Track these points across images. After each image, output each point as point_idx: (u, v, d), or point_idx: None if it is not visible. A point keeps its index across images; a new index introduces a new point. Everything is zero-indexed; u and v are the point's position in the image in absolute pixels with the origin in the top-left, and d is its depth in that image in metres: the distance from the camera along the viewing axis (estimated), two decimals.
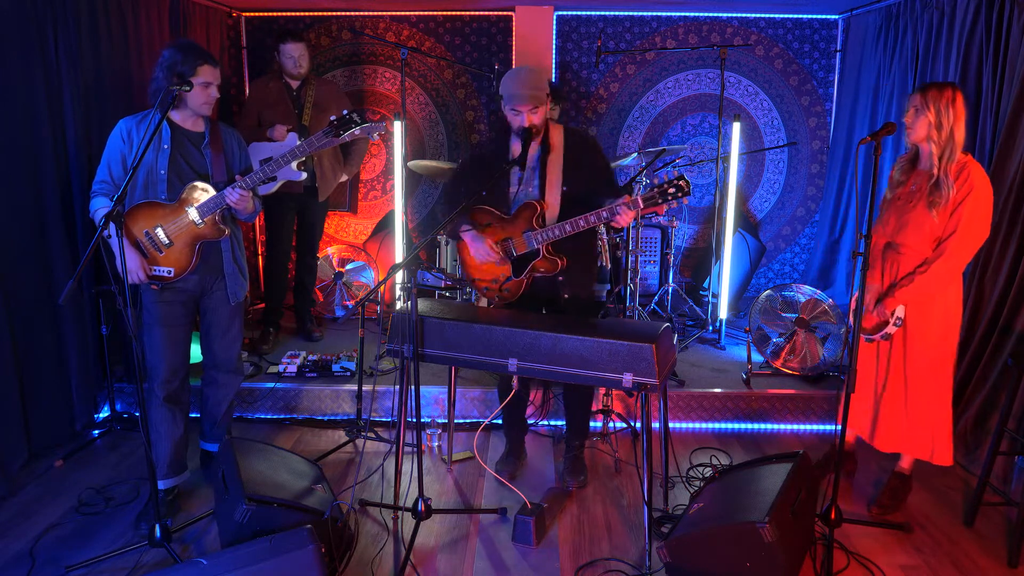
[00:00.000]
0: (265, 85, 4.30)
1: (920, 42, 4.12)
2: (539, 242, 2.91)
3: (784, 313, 4.02)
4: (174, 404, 2.97)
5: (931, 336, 2.81)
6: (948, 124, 2.63)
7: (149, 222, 2.80)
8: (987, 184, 2.66)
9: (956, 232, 2.66)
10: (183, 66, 2.72)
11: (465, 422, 3.82)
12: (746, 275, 5.08)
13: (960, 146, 2.66)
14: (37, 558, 2.65)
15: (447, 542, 2.83)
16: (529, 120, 2.82)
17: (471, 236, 3.00)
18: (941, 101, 2.63)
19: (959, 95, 2.65)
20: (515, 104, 2.81)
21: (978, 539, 2.83)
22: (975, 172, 2.65)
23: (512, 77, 2.85)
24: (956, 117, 2.63)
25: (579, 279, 3.06)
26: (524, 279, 2.99)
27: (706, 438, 3.74)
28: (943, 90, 2.66)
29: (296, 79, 4.26)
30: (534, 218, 2.91)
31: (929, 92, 2.66)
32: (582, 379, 2.65)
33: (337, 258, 5.11)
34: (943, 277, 2.71)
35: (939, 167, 2.67)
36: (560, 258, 2.93)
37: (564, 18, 5.33)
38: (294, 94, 4.26)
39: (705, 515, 2.54)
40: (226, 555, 2.29)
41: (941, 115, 2.63)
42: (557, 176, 2.92)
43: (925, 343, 2.81)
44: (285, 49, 4.20)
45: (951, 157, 2.65)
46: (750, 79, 5.42)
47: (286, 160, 2.94)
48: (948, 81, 2.91)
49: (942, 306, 2.78)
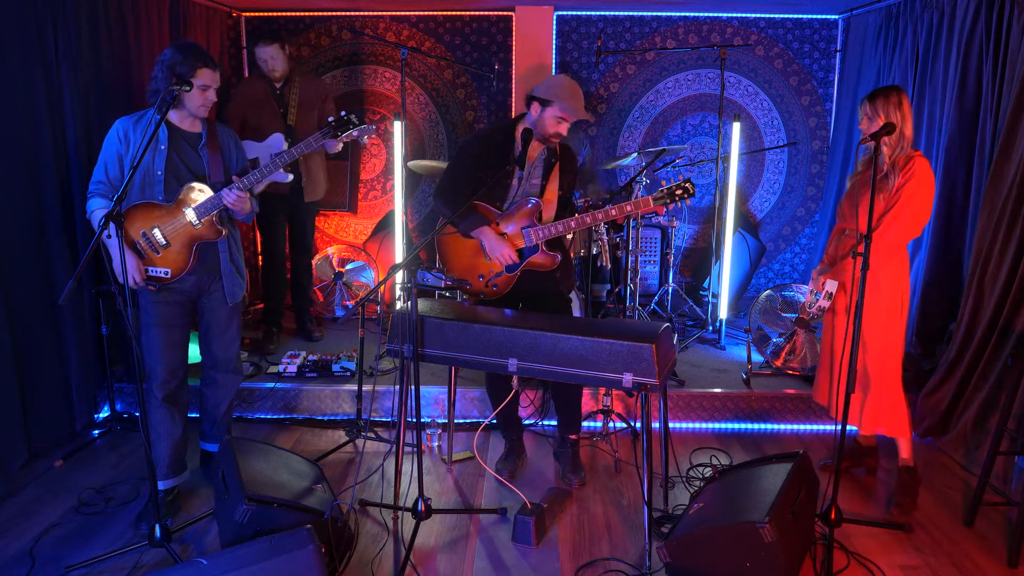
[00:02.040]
0: (251, 85, 4.28)
1: (920, 42, 4.11)
2: (539, 237, 3.01)
3: (784, 313, 4.03)
4: (173, 404, 2.96)
5: (879, 312, 2.95)
6: (898, 125, 2.83)
7: (146, 223, 2.80)
8: (929, 176, 2.88)
9: (893, 208, 2.87)
10: (183, 67, 2.72)
11: (465, 422, 3.82)
12: (746, 275, 5.08)
13: (910, 142, 2.90)
14: (37, 558, 2.65)
15: (447, 542, 2.83)
16: (564, 131, 2.98)
17: (491, 237, 3.04)
18: (889, 106, 2.86)
19: (904, 97, 2.88)
20: (567, 115, 2.94)
21: (978, 539, 2.83)
22: (920, 165, 2.87)
23: (566, 87, 2.95)
24: (904, 118, 2.86)
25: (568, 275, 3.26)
26: (518, 274, 3.06)
27: (706, 438, 3.74)
28: (889, 95, 2.87)
29: (278, 80, 4.23)
30: (534, 215, 2.99)
31: (877, 99, 2.88)
32: (582, 379, 2.65)
33: (337, 258, 5.11)
34: (877, 249, 2.83)
35: (888, 162, 2.91)
36: (556, 254, 3.07)
37: (564, 18, 5.33)
38: (278, 93, 4.23)
39: (705, 515, 2.55)
40: (226, 555, 2.29)
41: (891, 117, 2.83)
42: (557, 180, 3.10)
43: (874, 320, 2.94)
44: (258, 52, 4.18)
45: (902, 151, 2.89)
46: (750, 79, 5.42)
47: (282, 161, 2.93)
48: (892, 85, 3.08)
49: (888, 283, 2.95)
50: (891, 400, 3.01)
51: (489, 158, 3.02)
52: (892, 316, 2.97)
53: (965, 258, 3.68)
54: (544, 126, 2.96)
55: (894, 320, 2.98)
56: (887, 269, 2.94)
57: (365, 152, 5.57)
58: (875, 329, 2.96)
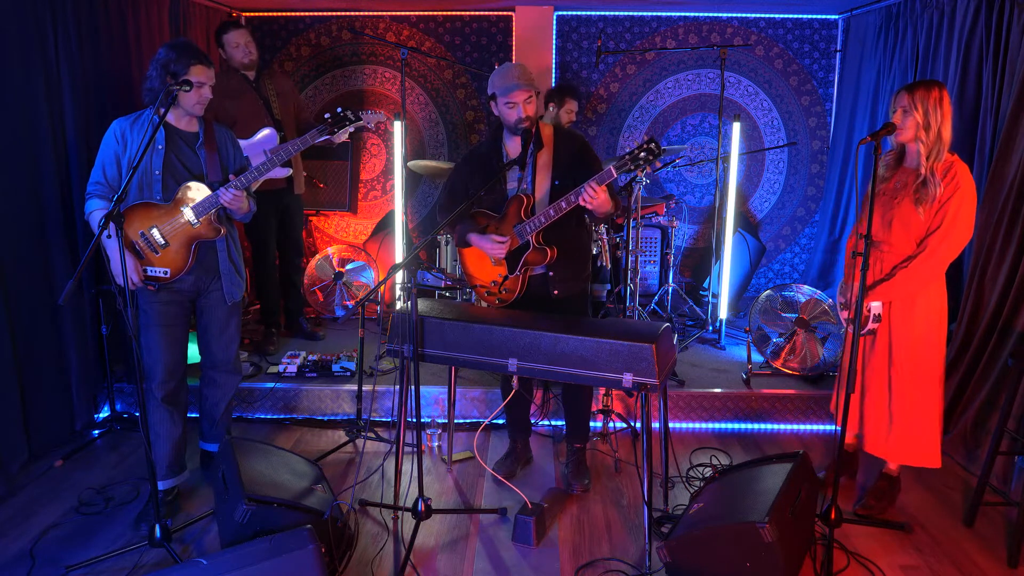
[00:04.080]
0: (224, 79, 3.97)
1: (920, 42, 4.11)
2: (528, 232, 2.89)
3: (784, 313, 4.02)
4: (172, 404, 2.96)
5: (914, 339, 2.77)
6: (936, 124, 2.61)
7: (144, 223, 2.80)
8: (972, 185, 2.64)
9: (940, 228, 2.63)
10: (176, 65, 2.71)
11: (465, 422, 3.82)
12: (746, 275, 5.08)
13: (947, 145, 2.64)
14: (37, 558, 2.65)
15: (447, 542, 2.83)
16: (525, 111, 2.82)
17: (477, 237, 2.99)
18: (929, 101, 2.60)
19: (946, 94, 2.62)
20: (509, 95, 2.80)
21: (978, 539, 2.83)
22: (962, 172, 2.63)
23: (499, 72, 2.86)
24: (943, 117, 2.60)
25: (570, 276, 3.03)
26: (519, 274, 2.99)
27: (706, 438, 3.74)
28: (931, 89, 2.62)
29: (250, 68, 4.07)
30: (521, 210, 2.90)
31: (917, 92, 2.62)
32: (582, 379, 2.65)
33: (337, 258, 5.11)
34: (924, 274, 2.69)
35: (927, 166, 2.65)
36: (550, 248, 2.91)
37: (564, 18, 5.33)
38: (254, 86, 4.10)
39: (705, 515, 2.54)
40: (226, 555, 2.29)
41: (929, 115, 2.60)
42: (547, 171, 2.93)
43: (909, 347, 2.78)
44: (229, 39, 3.98)
45: (938, 156, 2.63)
46: (750, 79, 5.42)
47: (281, 158, 2.94)
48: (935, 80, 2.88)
49: (924, 309, 2.76)
50: (929, 433, 2.82)
51: (476, 171, 3.00)
52: (932, 343, 2.77)
53: (965, 258, 3.68)
54: (506, 118, 2.88)
55: (934, 347, 2.77)
56: (928, 298, 2.74)
57: (365, 152, 5.57)
58: (914, 357, 2.77)
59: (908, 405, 2.81)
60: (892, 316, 2.81)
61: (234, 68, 4.08)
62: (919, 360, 2.79)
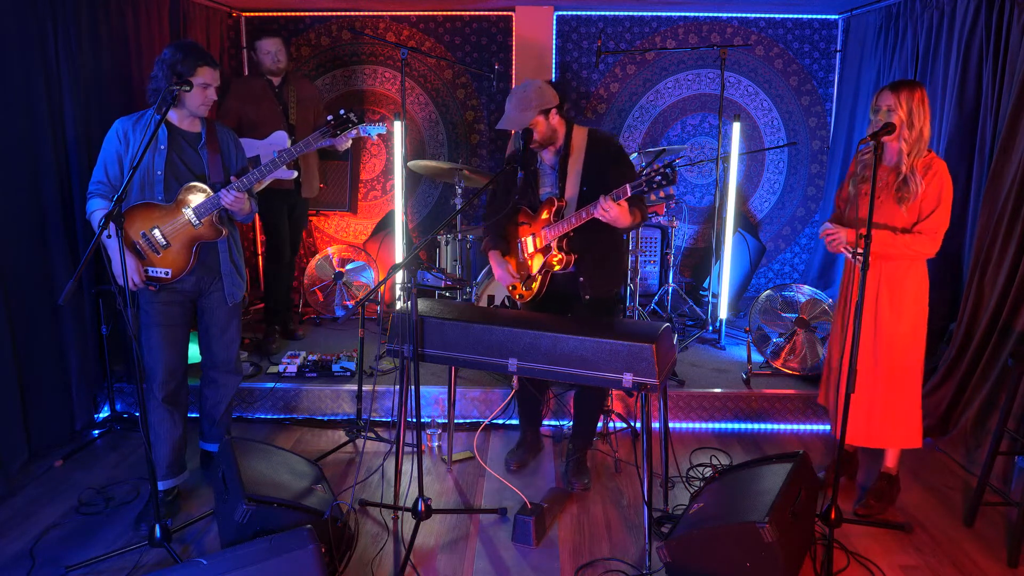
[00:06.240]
0: (248, 83, 4.28)
1: (920, 42, 4.11)
2: (547, 238, 2.97)
3: (784, 313, 4.02)
4: (172, 405, 2.96)
5: (901, 335, 2.85)
6: (919, 123, 2.67)
7: (146, 223, 2.80)
8: (950, 179, 2.73)
9: (934, 214, 2.71)
10: (182, 66, 2.72)
11: (465, 422, 3.82)
12: (746, 275, 5.08)
13: (927, 143, 2.72)
14: (37, 558, 2.65)
15: (447, 542, 2.83)
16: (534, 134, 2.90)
17: (495, 260, 3.13)
18: (914, 100, 2.66)
19: (926, 94, 2.70)
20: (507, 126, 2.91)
21: (978, 539, 2.83)
22: (941, 168, 2.71)
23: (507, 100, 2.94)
24: (926, 116, 2.68)
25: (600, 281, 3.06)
26: (539, 275, 3.02)
27: (706, 438, 3.74)
28: (914, 89, 2.67)
29: (277, 75, 4.23)
30: (552, 213, 2.96)
31: (902, 91, 2.67)
32: (582, 379, 2.65)
33: (337, 258, 5.11)
34: (914, 248, 2.73)
35: (908, 163, 2.71)
36: (571, 254, 2.96)
37: (564, 18, 5.33)
38: (277, 91, 4.23)
39: (705, 515, 2.54)
40: (226, 555, 2.28)
41: (914, 114, 2.66)
42: (576, 176, 2.97)
43: (896, 338, 2.85)
44: (262, 46, 4.18)
45: (919, 154, 2.71)
46: (750, 79, 5.42)
47: (283, 160, 2.94)
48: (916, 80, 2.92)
49: (912, 299, 2.83)
50: (908, 415, 2.89)
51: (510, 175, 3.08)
52: (915, 330, 2.84)
53: (965, 258, 3.68)
54: None
55: (917, 334, 2.85)
56: (916, 290, 2.82)
57: (365, 152, 5.57)
58: (897, 344, 2.85)
59: (894, 395, 2.88)
60: (879, 312, 2.86)
61: (260, 72, 4.24)
62: (904, 352, 2.86)
